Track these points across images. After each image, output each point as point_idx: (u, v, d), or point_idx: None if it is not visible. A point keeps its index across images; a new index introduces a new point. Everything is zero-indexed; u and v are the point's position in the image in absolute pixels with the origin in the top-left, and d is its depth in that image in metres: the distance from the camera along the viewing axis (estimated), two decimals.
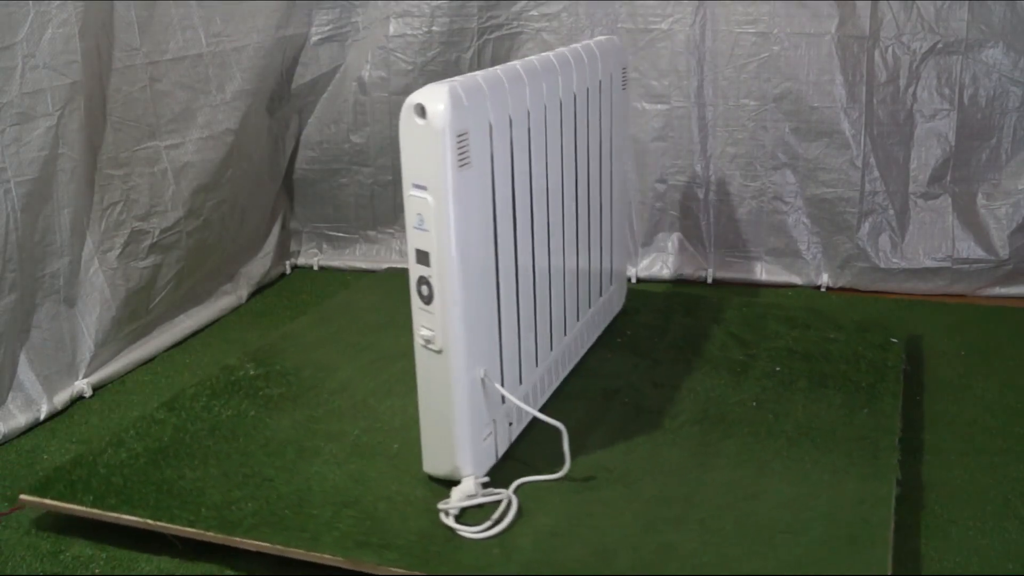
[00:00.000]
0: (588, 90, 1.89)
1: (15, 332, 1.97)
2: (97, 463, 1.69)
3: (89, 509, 1.57)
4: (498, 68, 1.60)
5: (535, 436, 1.73)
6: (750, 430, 1.79)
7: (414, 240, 1.45)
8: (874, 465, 1.65)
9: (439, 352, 1.49)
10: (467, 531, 1.49)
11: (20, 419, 1.95)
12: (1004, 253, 2.56)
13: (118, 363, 2.21)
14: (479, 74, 1.52)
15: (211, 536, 1.50)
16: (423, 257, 1.45)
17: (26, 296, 1.99)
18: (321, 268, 2.93)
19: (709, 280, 2.74)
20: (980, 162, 2.59)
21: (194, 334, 2.43)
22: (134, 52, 2.21)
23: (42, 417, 1.99)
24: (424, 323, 1.49)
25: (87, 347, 2.13)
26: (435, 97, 1.38)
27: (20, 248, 1.95)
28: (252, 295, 2.69)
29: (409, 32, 2.68)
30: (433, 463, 1.60)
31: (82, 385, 2.10)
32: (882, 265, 2.64)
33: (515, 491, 1.57)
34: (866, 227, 2.63)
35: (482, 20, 2.68)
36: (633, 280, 2.75)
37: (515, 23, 2.69)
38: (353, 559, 1.43)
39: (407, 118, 1.40)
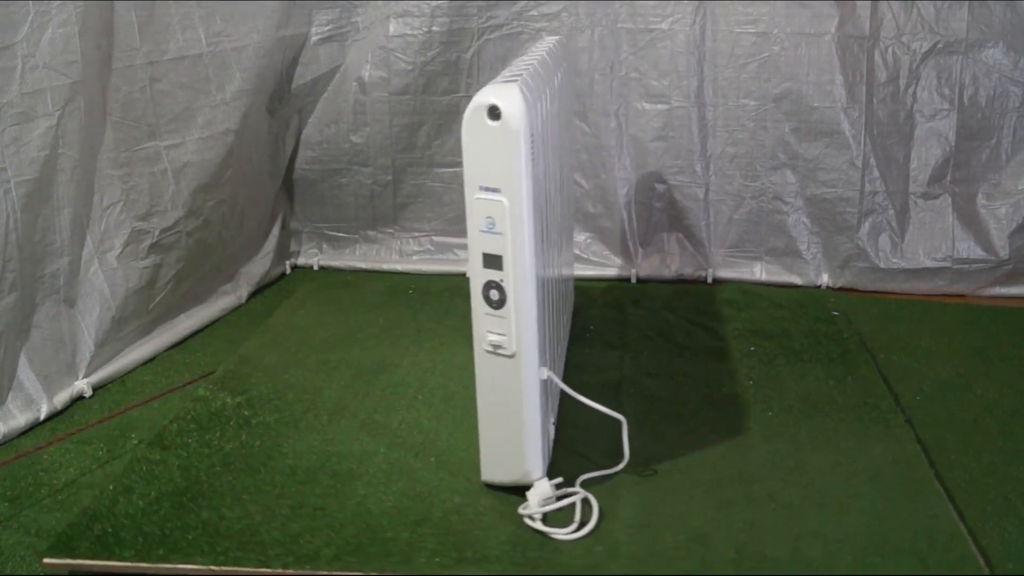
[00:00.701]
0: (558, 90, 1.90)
1: (15, 332, 1.97)
2: (115, 514, 1.57)
3: (136, 564, 1.46)
4: (521, 64, 1.59)
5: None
6: (761, 407, 1.86)
7: (482, 244, 1.43)
8: (886, 427, 1.79)
9: (511, 356, 1.47)
10: (560, 533, 1.47)
11: (20, 419, 1.95)
12: (1004, 253, 2.56)
13: (118, 363, 2.21)
14: (519, 72, 1.50)
15: (293, 573, 1.42)
16: (494, 261, 1.43)
17: (26, 296, 1.99)
18: (321, 268, 2.93)
19: (709, 280, 2.74)
20: (980, 162, 2.59)
21: (194, 334, 2.43)
22: (134, 52, 2.21)
23: (42, 417, 1.99)
24: (493, 328, 1.46)
25: (87, 347, 2.13)
26: (509, 98, 1.37)
27: (20, 248, 1.95)
28: (252, 295, 2.69)
29: (409, 32, 2.68)
30: (496, 471, 1.57)
31: (82, 385, 2.10)
32: (882, 265, 2.64)
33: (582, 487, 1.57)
34: (866, 227, 2.63)
35: (482, 20, 2.68)
36: (633, 280, 2.75)
37: (515, 23, 2.68)
38: None
39: (476, 120, 1.37)
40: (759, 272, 2.73)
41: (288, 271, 2.90)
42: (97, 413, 2.03)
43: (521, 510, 1.52)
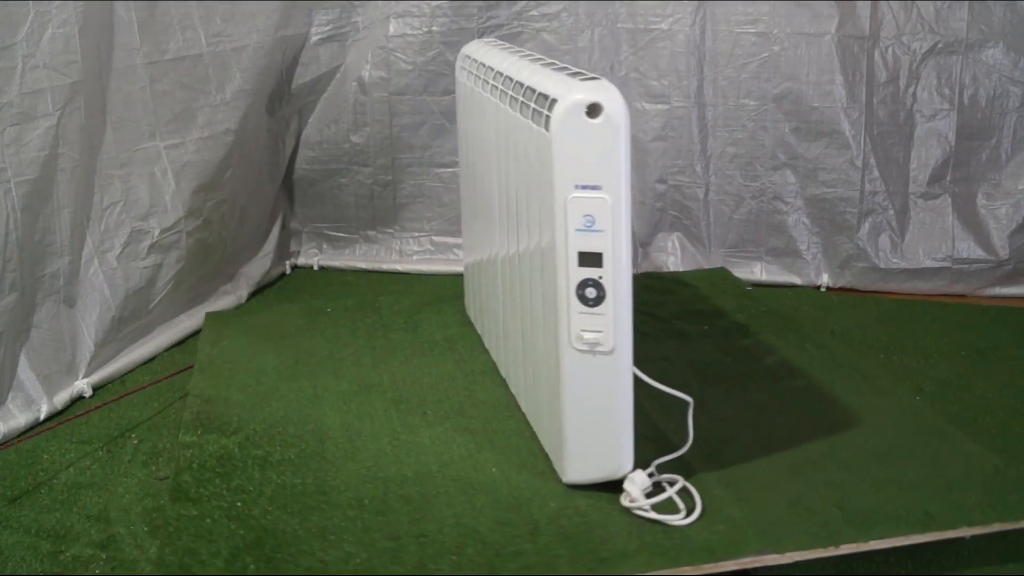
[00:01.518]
0: None
1: (15, 332, 1.97)
2: None
3: None
4: (546, 63, 1.60)
5: None
6: (771, 383, 1.90)
7: (579, 243, 1.41)
8: (891, 383, 1.93)
9: (609, 353, 1.46)
10: (676, 519, 1.46)
11: (20, 419, 1.95)
12: (1004, 253, 2.56)
13: (118, 363, 2.21)
14: (575, 70, 1.50)
15: None
16: (592, 259, 1.42)
17: (26, 296, 1.99)
18: (321, 268, 2.93)
19: None
20: (980, 162, 2.59)
21: (194, 334, 2.43)
22: (134, 52, 2.21)
23: (42, 417, 1.99)
24: (588, 326, 1.44)
25: (87, 347, 2.13)
26: (609, 95, 1.36)
27: (20, 248, 1.95)
28: (252, 295, 2.69)
29: (409, 32, 2.68)
30: (586, 470, 1.53)
31: (82, 385, 2.10)
32: (882, 265, 2.63)
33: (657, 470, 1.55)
34: (866, 227, 2.63)
35: (482, 20, 2.68)
36: None
37: (515, 23, 2.68)
38: None
39: (574, 118, 1.36)
40: (759, 272, 2.73)
41: (288, 271, 2.90)
42: (97, 414, 2.03)
43: (626, 503, 1.49)
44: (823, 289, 2.69)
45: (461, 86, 2.02)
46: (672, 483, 1.52)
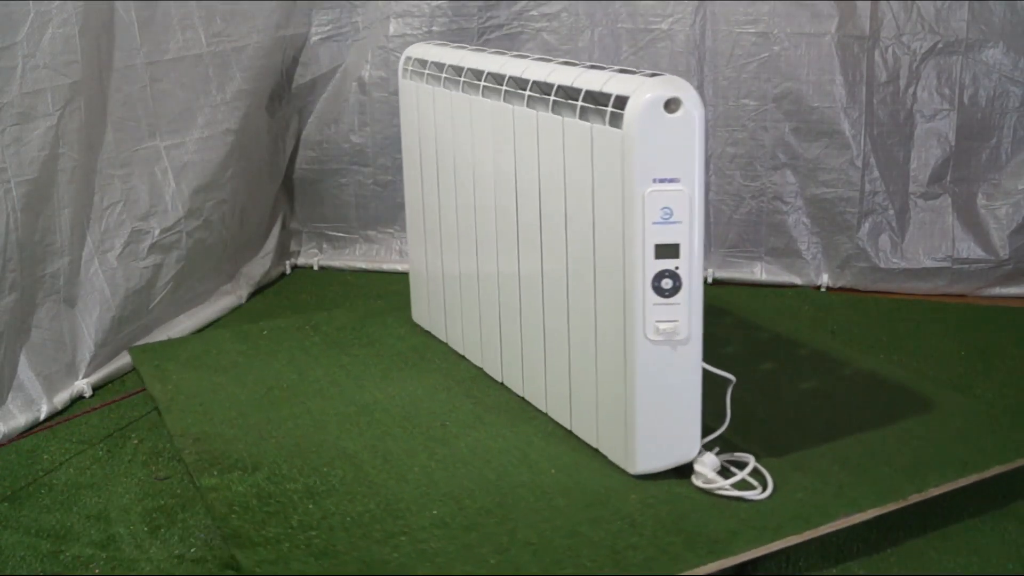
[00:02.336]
0: None
1: (15, 332, 1.97)
2: None
3: None
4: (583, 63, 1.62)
5: None
6: (777, 363, 2.01)
7: (656, 235, 1.45)
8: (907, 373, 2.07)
9: (684, 341, 1.50)
10: (757, 495, 1.50)
11: (20, 419, 1.95)
12: (1004, 253, 2.56)
13: (118, 363, 2.21)
14: (629, 68, 1.54)
15: None
16: (669, 250, 1.46)
17: (26, 296, 1.99)
18: (321, 268, 2.93)
19: (710, 280, 2.74)
20: (980, 162, 2.59)
21: (194, 334, 2.43)
22: (134, 52, 2.21)
23: (42, 417, 1.99)
24: (664, 316, 1.48)
25: (87, 347, 2.13)
26: (685, 90, 1.41)
27: (20, 248, 1.95)
28: (252, 295, 2.69)
29: (409, 32, 2.68)
30: (657, 458, 1.56)
31: (82, 385, 2.10)
32: (882, 265, 2.63)
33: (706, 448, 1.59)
34: (866, 227, 2.63)
35: (482, 20, 2.68)
36: None
37: (515, 23, 2.68)
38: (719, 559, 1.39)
39: (652, 114, 1.40)
40: (759, 272, 2.73)
41: (288, 271, 2.90)
42: (97, 414, 2.03)
43: (701, 484, 1.53)
44: (823, 289, 2.69)
45: (413, 89, 2.02)
46: (742, 463, 1.57)
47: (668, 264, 1.46)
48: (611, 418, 1.58)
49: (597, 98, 1.48)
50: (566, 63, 1.65)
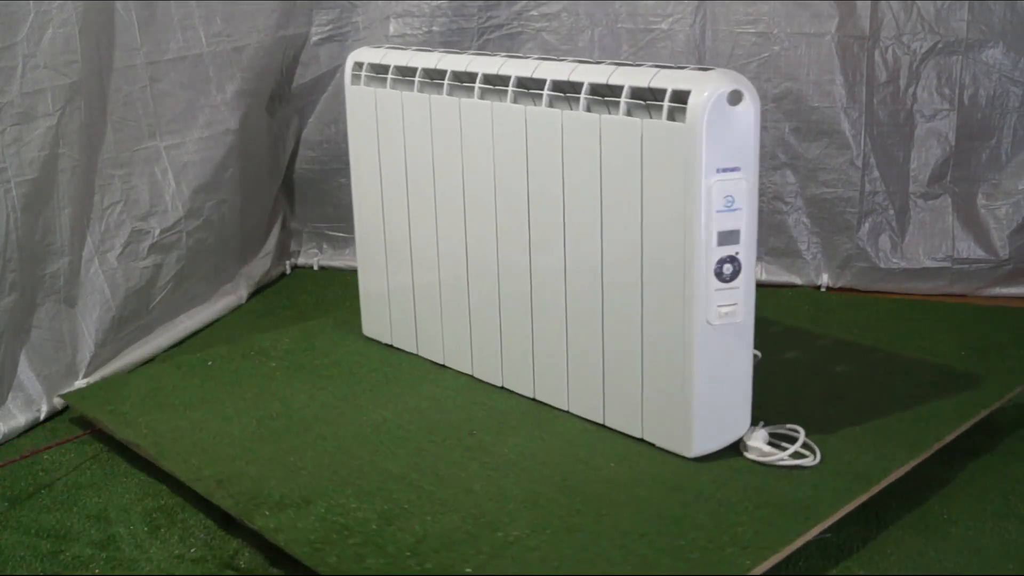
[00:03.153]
0: None
1: (15, 332, 1.98)
2: None
3: None
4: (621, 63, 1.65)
5: None
6: (792, 351, 2.08)
7: (719, 223, 1.51)
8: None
9: (740, 323, 1.57)
10: (810, 463, 1.60)
11: (20, 419, 1.95)
12: (1004, 253, 2.57)
13: (118, 363, 2.21)
14: (681, 64, 1.59)
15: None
16: (731, 237, 1.53)
17: (26, 296, 2.00)
18: (321, 268, 2.93)
19: None
20: (980, 162, 2.59)
21: (194, 334, 2.43)
22: (134, 52, 2.22)
23: (42, 417, 1.99)
24: (724, 301, 1.55)
25: (87, 347, 2.13)
26: (745, 83, 1.49)
27: (20, 248, 1.95)
28: (252, 295, 2.70)
29: (409, 32, 2.68)
30: (714, 439, 1.62)
31: (82, 385, 2.10)
32: (882, 265, 2.64)
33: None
34: (866, 227, 2.63)
35: (482, 20, 2.68)
36: None
37: (515, 23, 2.69)
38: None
39: (718, 106, 1.46)
40: (759, 272, 2.73)
41: (288, 271, 2.91)
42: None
43: (759, 458, 1.61)
44: (823, 289, 2.69)
45: (368, 96, 1.99)
46: (783, 434, 1.66)
47: (729, 250, 1.53)
48: (662, 406, 1.62)
49: (642, 94, 1.53)
50: (580, 62, 1.67)
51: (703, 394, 1.57)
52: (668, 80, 1.50)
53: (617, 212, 1.61)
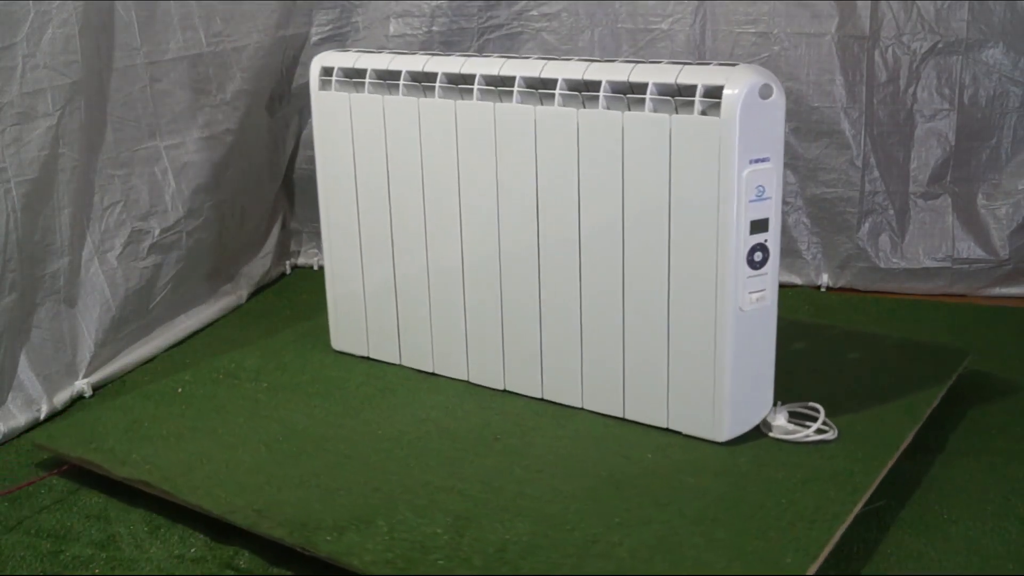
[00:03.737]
0: None
1: (15, 332, 1.98)
2: None
3: None
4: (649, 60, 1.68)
5: None
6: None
7: (751, 212, 1.56)
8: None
9: (768, 307, 1.63)
10: (831, 437, 1.68)
11: (20, 419, 1.95)
12: (1004, 253, 2.57)
13: (118, 363, 2.21)
14: (707, 60, 1.65)
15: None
16: (761, 225, 1.59)
17: (26, 296, 2.00)
18: (321, 268, 2.93)
19: None
20: (980, 162, 2.59)
21: (194, 334, 2.44)
22: (134, 52, 2.22)
23: (42, 417, 1.99)
24: (754, 287, 1.61)
25: (87, 347, 2.13)
26: (771, 77, 1.55)
27: (20, 248, 1.96)
28: (252, 295, 2.70)
29: (409, 32, 2.69)
30: (741, 424, 1.68)
31: (82, 385, 2.11)
32: (882, 265, 2.64)
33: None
34: (866, 227, 2.64)
35: (482, 20, 2.68)
36: None
37: (515, 23, 2.69)
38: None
39: (751, 99, 1.51)
40: None
41: (288, 271, 2.91)
42: (97, 412, 2.03)
43: (784, 436, 1.68)
44: (823, 289, 2.69)
45: (341, 101, 1.96)
46: (799, 412, 1.74)
47: (760, 238, 1.59)
48: (691, 393, 1.67)
49: (669, 90, 1.58)
50: (591, 60, 1.70)
51: (734, 380, 1.63)
52: (698, 76, 1.55)
53: (641, 206, 1.64)
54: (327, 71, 1.98)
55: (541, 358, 1.83)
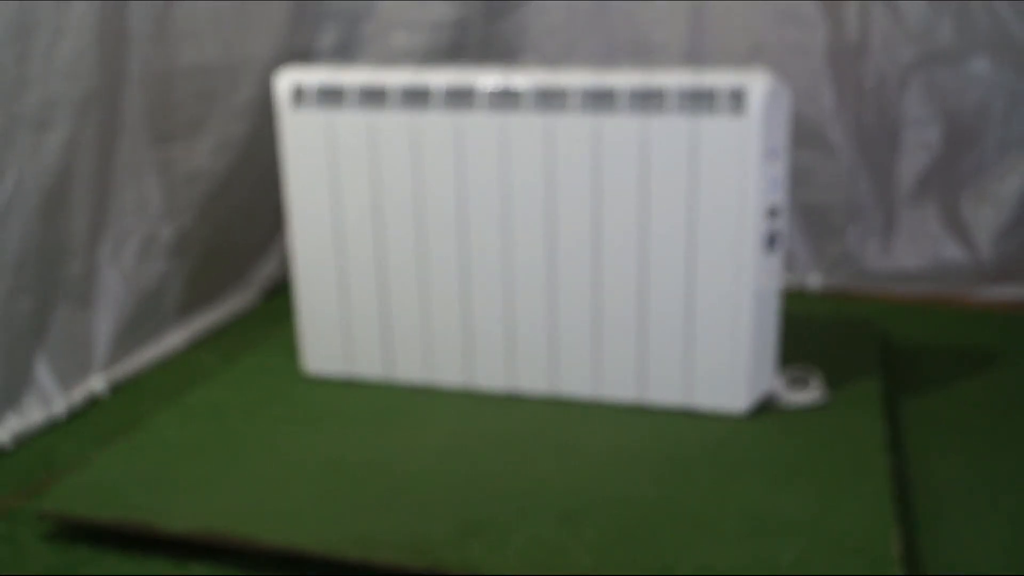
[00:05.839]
0: None
1: (32, 333, 2.02)
2: None
3: None
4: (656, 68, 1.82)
5: None
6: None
7: (767, 202, 1.75)
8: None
9: (776, 286, 1.82)
10: (822, 396, 1.90)
11: (37, 419, 1.99)
12: (988, 257, 2.60)
13: (133, 363, 2.26)
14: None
15: None
16: (774, 212, 1.77)
17: (42, 299, 2.04)
18: None
19: None
20: (965, 169, 2.61)
21: (206, 335, 2.48)
22: (148, 61, 2.24)
23: (58, 416, 2.03)
24: (767, 269, 1.79)
25: (102, 348, 2.18)
26: (780, 79, 1.73)
27: (37, 252, 2.00)
28: (262, 297, 2.74)
29: (414, 43, 2.73)
30: (756, 392, 1.85)
31: (98, 385, 2.15)
32: (869, 269, 2.68)
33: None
34: (854, 232, 2.67)
35: (483, 31, 2.72)
36: None
37: (516, 33, 2.73)
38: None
39: (771, 100, 1.70)
40: None
41: None
42: (112, 415, 2.05)
43: (791, 399, 1.88)
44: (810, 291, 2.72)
45: (319, 120, 1.88)
46: (805, 375, 1.95)
47: (772, 224, 1.77)
48: (710, 370, 1.83)
49: (690, 95, 1.72)
50: (601, 70, 1.81)
51: (751, 353, 1.81)
52: (718, 80, 1.71)
53: (663, 205, 1.77)
54: (298, 90, 1.89)
55: (547, 358, 1.90)
